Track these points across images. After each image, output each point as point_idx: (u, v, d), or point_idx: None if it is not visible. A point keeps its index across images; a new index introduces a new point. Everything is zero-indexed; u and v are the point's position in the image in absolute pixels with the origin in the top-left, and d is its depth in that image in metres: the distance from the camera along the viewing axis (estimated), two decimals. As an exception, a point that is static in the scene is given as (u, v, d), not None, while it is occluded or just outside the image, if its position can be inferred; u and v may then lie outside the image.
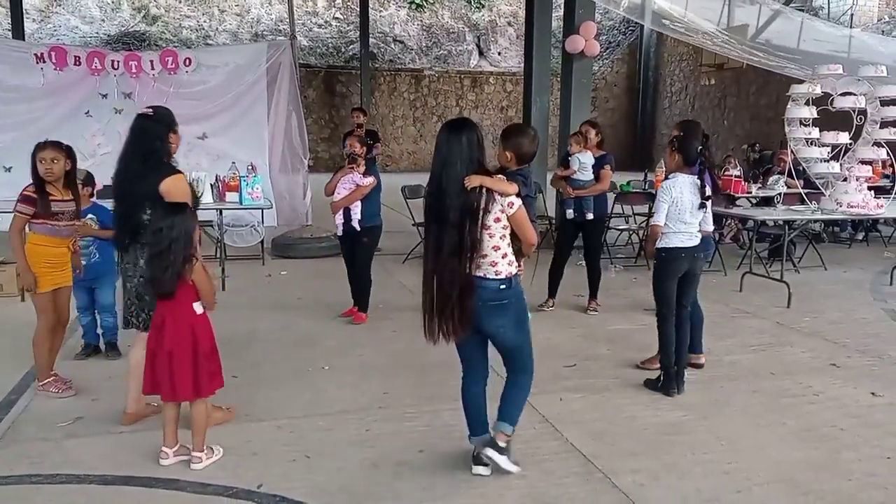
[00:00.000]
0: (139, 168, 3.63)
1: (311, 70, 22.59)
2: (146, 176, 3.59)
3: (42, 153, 4.10)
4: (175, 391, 3.32)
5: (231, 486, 3.22)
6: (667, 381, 4.45)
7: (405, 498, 3.16)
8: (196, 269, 3.32)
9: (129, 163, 3.69)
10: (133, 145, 3.69)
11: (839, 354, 5.30)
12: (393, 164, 23.26)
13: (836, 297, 7.25)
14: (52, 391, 4.21)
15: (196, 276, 3.33)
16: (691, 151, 4.33)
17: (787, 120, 7.78)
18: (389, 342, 5.46)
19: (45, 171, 4.08)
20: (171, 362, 3.30)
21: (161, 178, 3.58)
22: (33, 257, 4.12)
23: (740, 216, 8.37)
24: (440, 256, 3.15)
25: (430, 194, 3.20)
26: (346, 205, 5.81)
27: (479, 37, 26.36)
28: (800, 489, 3.28)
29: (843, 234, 10.78)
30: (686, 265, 4.43)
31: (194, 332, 3.33)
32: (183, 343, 3.31)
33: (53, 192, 4.14)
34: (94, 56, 9.66)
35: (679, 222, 4.34)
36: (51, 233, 4.14)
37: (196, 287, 3.35)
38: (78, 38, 22.09)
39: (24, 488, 3.20)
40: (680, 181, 4.35)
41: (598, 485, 3.30)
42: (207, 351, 3.38)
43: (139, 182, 3.61)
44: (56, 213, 4.13)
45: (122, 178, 3.70)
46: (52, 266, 4.18)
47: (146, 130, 3.69)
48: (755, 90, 20.06)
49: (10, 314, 5.93)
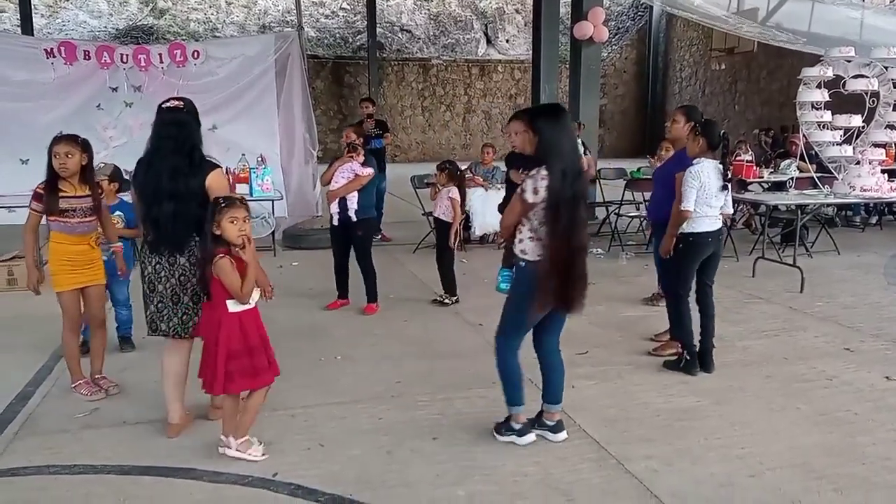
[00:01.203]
0: (186, 164, 3.47)
1: (319, 61, 22.59)
2: (194, 172, 3.48)
3: (56, 147, 3.94)
4: (210, 384, 3.35)
5: (246, 474, 3.25)
6: (689, 361, 4.51)
7: (418, 485, 3.18)
8: (220, 265, 3.22)
9: (173, 159, 3.46)
10: (174, 141, 3.48)
11: (853, 339, 5.27)
12: (402, 155, 23.27)
13: (849, 281, 7.21)
14: (83, 393, 4.13)
15: (218, 272, 3.24)
16: (714, 135, 4.37)
17: (798, 103, 7.73)
18: (401, 331, 5.48)
19: (60, 166, 3.93)
20: (206, 356, 3.33)
21: (207, 173, 3.49)
22: (52, 255, 4.04)
23: (752, 201, 8.32)
24: (578, 232, 3.34)
25: (563, 175, 3.27)
26: (344, 194, 5.77)
27: (486, 25, 26.26)
28: (814, 473, 3.27)
29: (856, 219, 10.69)
30: (712, 248, 4.52)
31: (220, 330, 3.28)
32: (209, 337, 3.31)
33: (66, 188, 3.98)
34: (104, 50, 9.72)
35: (706, 206, 4.38)
36: (64, 230, 4.02)
37: (222, 282, 3.26)
38: (86, 32, 22.17)
39: (42, 478, 3.24)
40: (707, 166, 4.37)
41: (612, 471, 3.31)
42: (237, 351, 3.28)
43: (189, 179, 3.45)
44: (65, 210, 3.97)
45: (170, 175, 3.44)
46: (72, 264, 4.04)
47: (184, 124, 3.53)
48: (766, 74, 19.89)
49: (27, 308, 5.98)
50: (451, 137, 24.64)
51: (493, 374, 4.49)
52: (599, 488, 3.16)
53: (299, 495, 3.09)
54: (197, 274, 3.45)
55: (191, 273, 3.52)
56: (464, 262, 8.12)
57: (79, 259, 4.08)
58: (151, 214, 3.50)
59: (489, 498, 3.08)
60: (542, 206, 3.28)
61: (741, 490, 3.13)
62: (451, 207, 6.17)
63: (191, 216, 3.42)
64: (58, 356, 4.77)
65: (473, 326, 5.57)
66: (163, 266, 3.53)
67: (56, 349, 4.84)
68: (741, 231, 9.67)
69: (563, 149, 3.32)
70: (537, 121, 3.43)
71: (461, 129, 24.75)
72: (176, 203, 3.43)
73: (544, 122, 3.38)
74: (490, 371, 4.55)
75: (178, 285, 3.55)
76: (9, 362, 4.69)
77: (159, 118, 3.55)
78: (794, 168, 9.23)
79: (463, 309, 6.04)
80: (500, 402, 4.09)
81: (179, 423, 3.65)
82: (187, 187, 3.45)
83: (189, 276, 3.53)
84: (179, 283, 3.55)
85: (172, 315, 3.57)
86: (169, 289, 3.55)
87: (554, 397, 3.63)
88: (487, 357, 4.84)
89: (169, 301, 3.56)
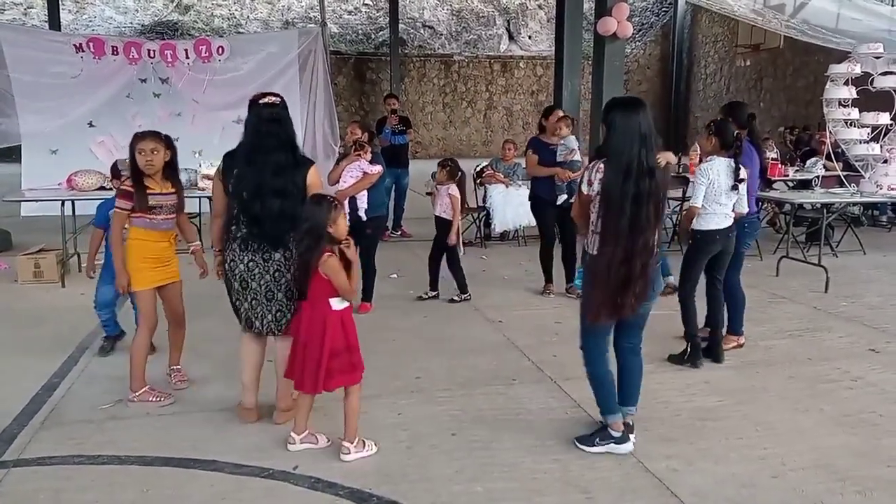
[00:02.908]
0: (290, 160, 3.45)
1: (342, 57, 22.65)
2: (298, 168, 3.46)
3: (141, 144, 3.83)
4: (301, 381, 3.35)
5: (267, 467, 3.27)
6: (693, 353, 4.59)
7: (437, 480, 3.19)
8: (330, 263, 3.22)
9: (279, 155, 3.43)
10: (276, 137, 3.44)
11: (878, 339, 5.20)
12: (423, 151, 23.26)
13: (875, 281, 7.11)
14: (151, 400, 3.97)
15: (327, 270, 3.24)
16: (728, 135, 4.41)
17: (825, 101, 7.62)
18: (422, 328, 5.49)
19: (146, 164, 3.83)
20: (305, 354, 3.31)
21: (307, 169, 3.48)
22: (132, 252, 3.92)
23: (777, 199, 8.22)
24: (637, 234, 3.19)
25: (626, 173, 3.16)
26: (354, 193, 5.69)
27: (509, 21, 26.16)
28: (837, 475, 3.24)
29: (882, 218, 10.53)
30: (720, 246, 4.55)
31: (325, 328, 3.28)
32: (314, 338, 3.29)
33: (152, 185, 3.89)
34: (131, 46, 9.90)
35: (715, 203, 4.43)
36: (148, 226, 3.90)
37: (330, 280, 3.26)
38: (112, 28, 22.43)
39: (67, 468, 3.29)
40: (717, 164, 4.43)
41: (632, 469, 3.29)
42: (339, 348, 3.29)
43: (294, 175, 3.44)
44: (153, 207, 3.88)
45: (274, 171, 3.41)
46: (151, 261, 3.95)
47: (283, 119, 3.48)
48: (792, 71, 19.61)
49: (51, 300, 6.08)
50: (472, 134, 24.60)
51: (512, 371, 4.53)
52: (619, 487, 3.15)
53: (319, 488, 3.11)
54: (294, 272, 3.40)
55: (285, 269, 3.48)
56: (484, 258, 8.12)
57: (159, 256, 3.99)
58: (252, 211, 3.43)
59: (508, 494, 3.08)
60: (598, 199, 3.24)
61: (763, 491, 3.11)
62: (451, 205, 6.08)
63: (292, 212, 3.39)
64: (83, 348, 4.84)
65: (493, 323, 5.57)
66: (257, 263, 3.48)
67: (82, 340, 4.92)
68: (765, 230, 9.56)
69: (625, 144, 3.19)
70: (607, 113, 3.32)
71: (482, 125, 24.69)
72: (282, 200, 3.40)
73: (612, 114, 3.29)
74: (509, 368, 4.58)
75: (272, 282, 3.50)
76: (35, 353, 4.76)
77: (256, 113, 3.49)
78: (821, 166, 9.10)
79: (483, 305, 6.04)
80: (519, 398, 4.10)
81: (253, 409, 3.69)
82: (293, 184, 3.43)
83: (284, 272, 3.49)
84: (274, 279, 3.50)
85: (266, 312, 3.55)
86: (263, 286, 3.50)
87: (627, 400, 3.51)
88: (507, 354, 4.87)
89: (263, 298, 3.52)
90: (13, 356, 4.74)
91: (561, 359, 4.71)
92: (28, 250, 6.97)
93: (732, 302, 4.91)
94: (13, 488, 3.10)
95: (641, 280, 3.23)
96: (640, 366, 3.56)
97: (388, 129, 9.22)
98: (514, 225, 8.66)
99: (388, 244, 8.38)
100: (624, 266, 3.20)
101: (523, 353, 4.88)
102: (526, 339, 5.14)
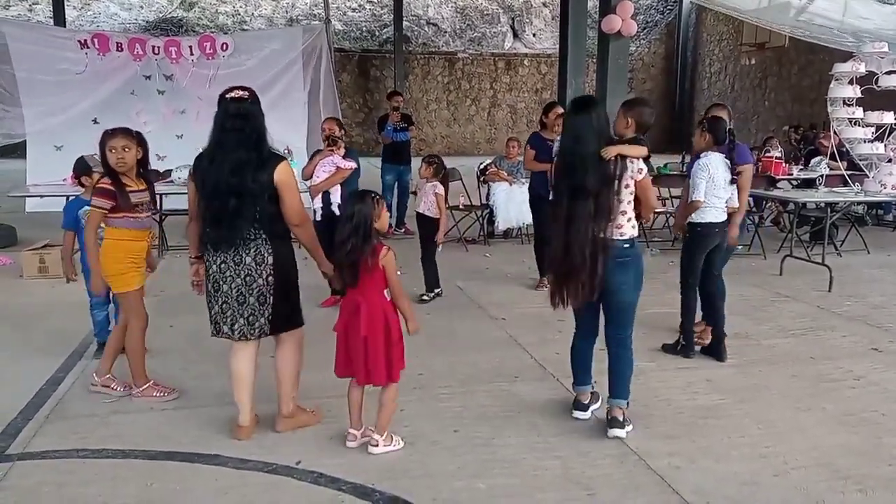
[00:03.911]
0: (255, 158, 3.28)
1: (346, 54, 22.66)
2: (265, 166, 3.28)
3: (112, 141, 3.75)
4: (370, 376, 3.34)
5: (270, 462, 3.29)
6: (685, 346, 4.74)
7: (439, 476, 3.20)
8: (390, 258, 3.28)
9: (240, 152, 3.26)
10: (240, 132, 3.28)
11: (881, 339, 5.20)
12: (426, 149, 23.24)
13: (878, 281, 7.10)
14: (155, 395, 3.95)
15: (387, 264, 3.28)
16: (720, 131, 4.57)
17: (830, 100, 7.61)
18: (423, 324, 5.44)
19: (117, 161, 3.75)
20: (367, 348, 3.29)
21: (274, 166, 3.30)
22: (117, 253, 3.82)
23: (781, 198, 8.21)
24: (575, 226, 3.42)
25: (563, 169, 3.52)
26: (327, 188, 5.71)
27: (513, 18, 26.13)
28: (839, 474, 3.24)
29: (887, 217, 10.51)
30: (717, 239, 4.67)
31: (387, 318, 3.31)
32: (377, 330, 3.29)
33: (129, 183, 3.82)
34: (136, 42, 9.94)
35: (714, 197, 4.55)
36: (133, 226, 3.82)
37: (385, 274, 3.29)
38: (117, 24, 22.47)
39: (71, 462, 3.30)
40: (714, 159, 4.56)
41: (634, 466, 3.30)
42: (398, 337, 3.35)
43: (259, 173, 3.26)
44: (136, 205, 3.82)
45: (236, 169, 3.25)
46: (136, 262, 3.88)
47: (250, 115, 3.32)
48: (797, 70, 19.57)
49: (57, 295, 6.10)
50: (475, 132, 24.59)
51: (514, 368, 4.55)
52: (620, 483, 3.15)
53: (322, 483, 3.12)
54: (345, 268, 3.32)
55: (256, 273, 3.34)
56: (487, 256, 8.13)
57: (141, 256, 3.93)
58: (212, 210, 3.32)
59: (509, 491, 3.09)
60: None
61: (765, 489, 3.11)
62: (437, 203, 6.04)
63: (253, 212, 3.29)
64: (87, 343, 4.86)
65: (496, 321, 5.58)
66: (228, 266, 3.35)
67: (86, 336, 4.93)
68: (770, 229, 9.56)
69: (564, 141, 3.59)
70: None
71: (486, 123, 24.68)
72: (239, 198, 3.26)
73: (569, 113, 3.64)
74: (512, 365, 4.59)
75: (243, 285, 3.35)
76: (40, 348, 4.78)
77: (223, 109, 3.33)
78: (825, 165, 9.09)
79: (486, 303, 6.05)
80: (521, 395, 4.12)
81: (249, 426, 3.52)
82: (256, 181, 3.26)
83: (255, 275, 3.35)
84: (245, 283, 3.35)
85: (238, 316, 3.39)
86: (234, 289, 3.36)
87: (614, 391, 3.65)
88: (510, 351, 4.88)
89: (234, 302, 3.38)
90: (18, 351, 4.77)
91: (563, 356, 4.68)
92: (33, 246, 7.00)
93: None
94: (17, 482, 3.12)
95: (587, 270, 3.41)
96: (629, 360, 3.66)
97: (391, 126, 9.23)
98: (518, 223, 8.66)
99: (392, 241, 8.28)
100: (566, 256, 3.45)
101: (526, 350, 4.89)
102: (528, 337, 5.15)
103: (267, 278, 3.37)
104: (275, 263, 3.38)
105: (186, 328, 5.11)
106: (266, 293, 3.38)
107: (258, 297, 3.38)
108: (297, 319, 3.56)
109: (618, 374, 3.64)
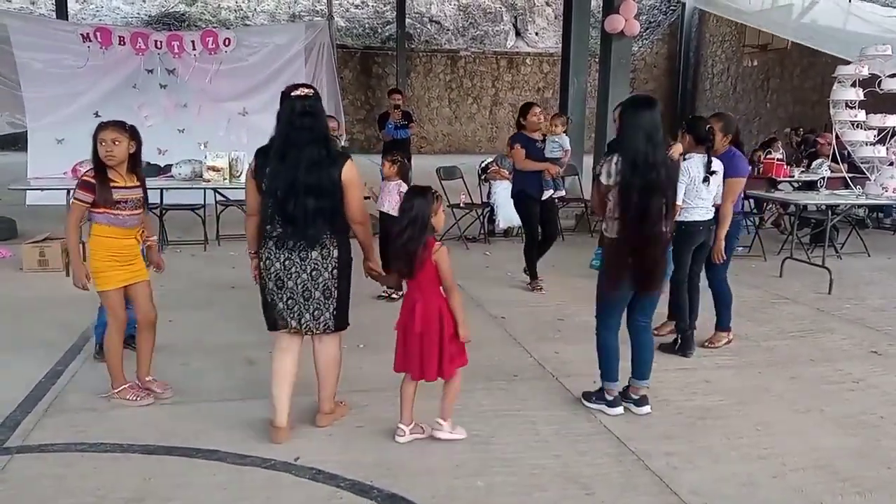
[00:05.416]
0: (324, 156, 3.29)
1: (348, 51, 22.63)
2: (335, 163, 3.31)
3: (102, 134, 3.63)
4: (423, 371, 3.37)
5: (269, 458, 3.29)
6: (685, 343, 4.82)
7: (438, 473, 3.20)
8: (443, 253, 3.30)
9: (313, 150, 3.26)
10: (308, 131, 3.28)
11: (881, 342, 5.20)
12: (427, 146, 23.25)
13: (878, 283, 7.10)
14: (129, 398, 3.84)
15: (442, 260, 3.30)
16: (699, 130, 4.66)
17: (832, 102, 7.60)
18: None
19: (106, 154, 3.63)
20: (422, 344, 3.33)
21: (343, 164, 3.33)
22: (96, 250, 3.72)
23: (782, 200, 8.21)
24: (647, 222, 3.56)
25: (632, 168, 3.53)
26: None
27: (516, 17, 26.12)
28: (837, 476, 3.24)
29: (887, 220, 10.51)
30: (703, 237, 4.75)
31: (441, 315, 3.33)
32: (432, 326, 3.32)
33: (115, 178, 3.69)
34: (138, 36, 9.93)
35: (697, 198, 4.64)
36: (113, 223, 3.69)
37: (439, 270, 3.31)
38: (119, 18, 22.47)
39: (69, 456, 3.30)
40: (695, 161, 4.62)
41: (632, 466, 3.30)
42: (452, 334, 3.35)
43: (330, 170, 3.29)
44: (119, 202, 3.67)
45: (312, 167, 3.25)
46: (118, 260, 3.74)
47: (318, 112, 3.34)
48: (799, 72, 19.54)
49: (56, 288, 6.09)
50: (477, 130, 24.58)
51: (513, 367, 4.54)
52: (619, 483, 3.16)
53: (320, 480, 3.12)
54: (401, 258, 3.32)
55: (322, 268, 3.37)
56: (487, 254, 8.13)
57: (125, 254, 3.77)
58: (287, 209, 3.28)
59: (508, 489, 3.09)
60: (616, 190, 3.59)
61: (763, 490, 3.11)
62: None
63: (330, 210, 3.31)
64: (87, 337, 4.86)
65: (496, 319, 5.58)
66: (293, 262, 3.35)
67: (85, 330, 4.93)
68: (770, 230, 9.56)
69: (632, 140, 3.58)
70: (620, 111, 3.76)
71: (488, 121, 24.67)
72: (316, 197, 3.26)
73: (624, 112, 3.71)
74: (511, 364, 4.59)
75: (309, 280, 3.37)
76: (39, 341, 4.78)
77: (289, 106, 3.33)
78: (826, 168, 9.09)
79: (486, 302, 6.05)
80: (520, 394, 4.12)
81: (286, 428, 3.47)
82: (329, 180, 3.29)
83: (321, 270, 3.37)
84: (311, 277, 3.37)
85: (304, 311, 3.41)
86: (300, 284, 3.37)
87: (641, 374, 3.89)
88: (509, 350, 4.88)
89: (300, 297, 3.39)
90: (17, 344, 4.77)
91: (562, 356, 4.72)
92: (33, 238, 7.00)
93: (721, 298, 5.02)
94: (16, 474, 3.12)
95: (652, 263, 3.62)
96: (652, 342, 3.96)
97: (391, 123, 9.24)
98: (519, 222, 8.65)
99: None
100: (640, 247, 3.58)
101: (525, 349, 4.89)
102: (528, 336, 5.15)
103: (332, 272, 3.40)
104: (339, 258, 3.41)
105: (186, 323, 5.11)
106: (331, 287, 3.42)
107: (324, 291, 3.42)
108: (348, 318, 3.60)
109: (646, 357, 3.90)
